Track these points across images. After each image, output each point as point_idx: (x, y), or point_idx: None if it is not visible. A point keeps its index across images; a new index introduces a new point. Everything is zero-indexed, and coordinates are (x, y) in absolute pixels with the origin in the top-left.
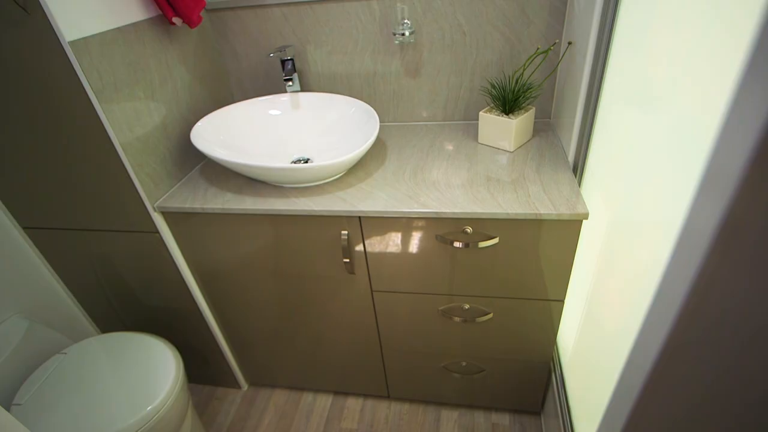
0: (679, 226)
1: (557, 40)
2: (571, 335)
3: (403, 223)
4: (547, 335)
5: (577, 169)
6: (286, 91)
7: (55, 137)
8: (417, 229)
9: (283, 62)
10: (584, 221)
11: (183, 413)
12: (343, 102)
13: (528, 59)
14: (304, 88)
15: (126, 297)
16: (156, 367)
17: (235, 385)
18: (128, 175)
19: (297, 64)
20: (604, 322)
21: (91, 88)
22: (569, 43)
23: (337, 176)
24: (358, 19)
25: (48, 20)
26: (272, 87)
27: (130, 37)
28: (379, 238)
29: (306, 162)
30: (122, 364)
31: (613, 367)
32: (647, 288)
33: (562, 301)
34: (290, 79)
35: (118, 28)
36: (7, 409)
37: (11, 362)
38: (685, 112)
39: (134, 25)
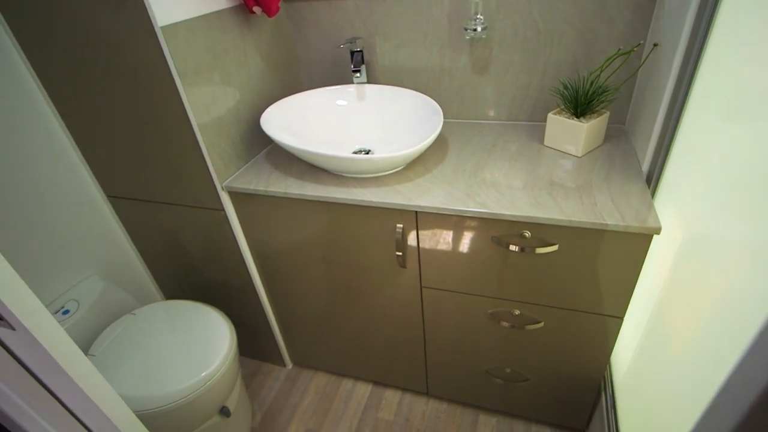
0: None
1: (642, 41)
2: (627, 355)
3: (459, 222)
4: (600, 352)
5: (651, 180)
6: (353, 82)
7: (141, 115)
8: (473, 228)
9: (353, 53)
10: (655, 236)
11: (233, 382)
12: (408, 96)
13: (607, 60)
14: (370, 80)
15: (189, 268)
16: (212, 336)
17: (281, 362)
18: (202, 155)
19: (365, 56)
20: (668, 349)
21: (177, 71)
22: (655, 45)
23: (397, 169)
24: (430, 13)
25: (144, 6)
26: (339, 77)
27: (213, 25)
28: (433, 234)
29: (367, 153)
30: (182, 329)
31: (683, 402)
32: (735, 318)
33: (621, 318)
34: (358, 71)
35: (203, 16)
36: None
37: (89, 317)
38: None
39: (217, 13)
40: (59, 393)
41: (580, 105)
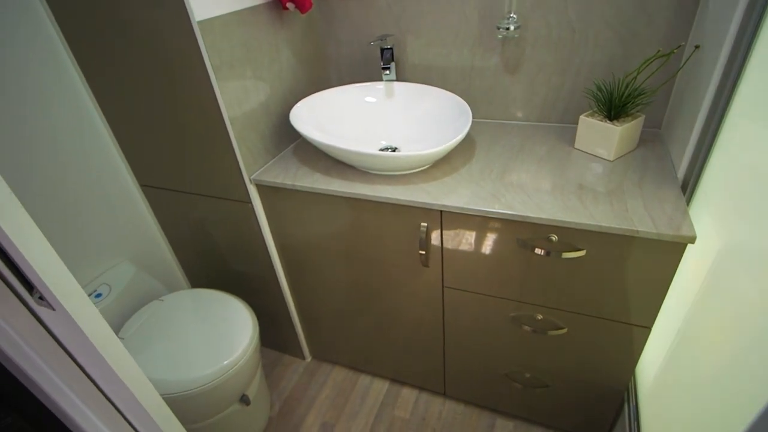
0: None
1: (683, 43)
2: (654, 366)
3: (484, 223)
4: (626, 362)
5: (687, 187)
6: (381, 80)
7: (175, 107)
8: (498, 230)
9: (383, 51)
10: (689, 245)
11: (254, 372)
12: (437, 94)
13: (644, 62)
14: (399, 77)
15: (215, 257)
16: (235, 326)
17: (300, 355)
18: (232, 147)
19: (395, 54)
20: (700, 363)
21: (211, 65)
22: (696, 47)
23: (423, 168)
24: (462, 11)
25: (182, 1)
26: (368, 74)
27: (247, 20)
28: (457, 234)
29: (394, 150)
30: (207, 317)
31: (714, 423)
32: None
33: (649, 328)
34: (388, 68)
35: (238, 11)
36: None
37: (119, 301)
38: None
39: (252, 9)
40: (92, 372)
41: (614, 107)
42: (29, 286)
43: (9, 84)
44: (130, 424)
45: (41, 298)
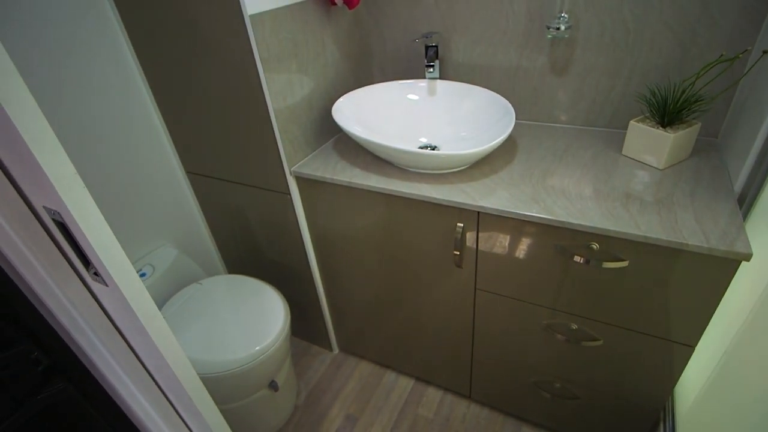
0: None
1: (749, 48)
2: (695, 388)
3: (522, 227)
4: (664, 380)
5: (744, 201)
6: (424, 77)
7: (223, 98)
8: (536, 235)
9: (427, 48)
10: (743, 263)
11: (283, 359)
12: (480, 94)
13: (705, 67)
14: (442, 75)
15: (252, 246)
16: (268, 313)
17: (328, 347)
18: (275, 139)
19: (439, 51)
20: (746, 389)
21: (260, 58)
22: (764, 52)
23: (462, 168)
24: (511, 9)
25: None
26: (411, 71)
27: (296, 15)
28: (494, 236)
29: (433, 149)
30: (242, 303)
31: None
32: None
33: (693, 347)
34: (432, 66)
35: (288, 6)
36: None
37: (161, 281)
38: None
39: (301, 4)
40: (137, 347)
41: (668, 114)
42: (86, 262)
43: (72, 70)
44: (168, 399)
45: (96, 273)
